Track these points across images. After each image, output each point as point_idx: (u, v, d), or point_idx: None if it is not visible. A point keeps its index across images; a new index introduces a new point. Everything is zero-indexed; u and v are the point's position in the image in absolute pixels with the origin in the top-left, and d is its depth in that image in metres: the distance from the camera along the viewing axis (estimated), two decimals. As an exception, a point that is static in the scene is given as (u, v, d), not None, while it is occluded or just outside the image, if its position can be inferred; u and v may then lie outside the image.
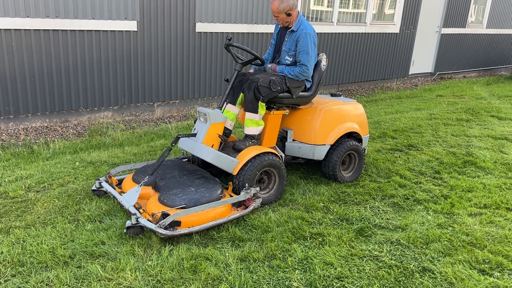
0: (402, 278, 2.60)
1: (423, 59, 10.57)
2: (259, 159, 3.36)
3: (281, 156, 3.73)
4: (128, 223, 2.88)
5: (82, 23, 5.30)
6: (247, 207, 3.25)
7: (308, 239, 3.01)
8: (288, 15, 3.57)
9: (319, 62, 3.84)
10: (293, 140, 3.93)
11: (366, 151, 4.46)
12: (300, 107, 3.91)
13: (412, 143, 5.29)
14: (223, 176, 3.88)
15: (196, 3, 6.17)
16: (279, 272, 2.62)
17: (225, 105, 3.68)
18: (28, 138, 5.13)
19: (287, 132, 3.92)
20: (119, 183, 3.63)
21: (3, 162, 4.36)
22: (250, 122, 3.59)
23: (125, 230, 2.89)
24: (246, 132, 3.64)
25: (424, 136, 5.63)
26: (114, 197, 3.28)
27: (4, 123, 5.22)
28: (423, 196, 3.76)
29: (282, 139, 3.99)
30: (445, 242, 3.00)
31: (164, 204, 3.03)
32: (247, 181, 3.31)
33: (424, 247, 2.94)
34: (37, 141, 5.10)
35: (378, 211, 3.48)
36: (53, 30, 5.15)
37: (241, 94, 3.68)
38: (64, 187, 3.74)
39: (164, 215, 2.84)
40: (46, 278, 2.46)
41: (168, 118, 6.41)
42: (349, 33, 8.43)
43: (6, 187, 3.69)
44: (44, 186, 3.75)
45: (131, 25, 5.69)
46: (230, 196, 3.33)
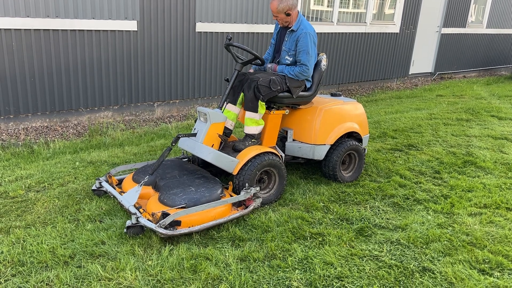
0: (402, 278, 2.60)
1: (423, 59, 10.57)
2: (259, 159, 3.36)
3: (281, 156, 3.73)
4: (128, 223, 2.88)
5: (82, 23, 5.31)
6: (247, 207, 3.25)
7: (308, 239, 3.01)
8: (288, 15, 3.57)
9: (319, 62, 3.84)
10: (293, 140, 3.93)
11: (366, 151, 4.46)
12: (300, 107, 3.91)
13: (412, 143, 5.29)
14: (223, 176, 3.88)
15: (196, 3, 6.17)
16: (279, 272, 2.62)
17: (225, 105, 3.68)
18: (28, 138, 5.13)
19: (287, 132, 3.93)
20: (119, 183, 3.63)
21: (3, 162, 4.36)
22: (250, 121, 3.59)
23: (125, 230, 2.89)
24: (246, 131, 3.64)
25: (424, 136, 5.63)
26: (114, 197, 3.28)
27: (4, 123, 5.22)
28: (423, 196, 3.76)
29: (282, 139, 3.99)
30: (445, 242, 3.00)
31: (164, 204, 3.03)
32: (247, 180, 3.31)
33: (424, 247, 2.94)
34: (37, 141, 5.10)
35: (378, 211, 3.48)
36: (53, 30, 5.15)
37: (241, 94, 3.69)
38: (64, 187, 3.74)
39: (164, 215, 2.84)
40: (46, 278, 2.47)
41: (168, 118, 6.41)
42: (349, 33, 8.43)
43: (6, 186, 3.70)
44: (44, 186, 3.75)
45: (131, 25, 5.69)
46: (230, 195, 3.33)
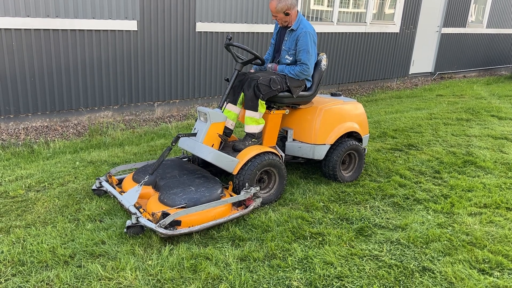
0: (402, 277, 2.61)
1: (423, 58, 10.57)
2: (259, 159, 3.37)
3: (281, 155, 3.73)
4: (128, 223, 2.88)
5: (82, 23, 5.31)
6: (247, 207, 3.25)
7: (308, 238, 3.01)
8: (287, 14, 3.57)
9: (319, 61, 3.84)
10: (293, 139, 3.93)
11: (366, 151, 4.46)
12: (300, 106, 3.91)
13: (412, 142, 5.29)
14: (223, 176, 3.88)
15: (196, 3, 6.17)
16: (279, 271, 2.62)
17: (225, 104, 3.68)
18: (28, 137, 5.13)
19: (287, 131, 3.93)
20: (119, 183, 3.63)
21: (3, 162, 4.36)
22: (250, 120, 3.59)
23: (125, 230, 2.90)
24: (246, 130, 3.64)
25: (424, 135, 5.63)
26: (114, 196, 3.28)
27: (4, 123, 5.22)
28: (423, 196, 3.76)
29: (282, 139, 3.99)
30: (445, 242, 3.00)
31: (164, 204, 3.03)
32: (247, 180, 3.31)
33: (424, 246, 2.94)
34: (37, 140, 5.10)
35: (378, 210, 3.48)
36: (53, 29, 5.15)
37: (241, 94, 3.69)
38: (64, 186, 3.74)
39: (164, 215, 2.84)
40: (46, 278, 2.47)
41: (168, 118, 6.41)
42: (349, 32, 8.43)
43: (6, 186, 3.70)
44: (44, 186, 3.75)
45: (131, 24, 5.69)
46: (230, 195, 3.33)
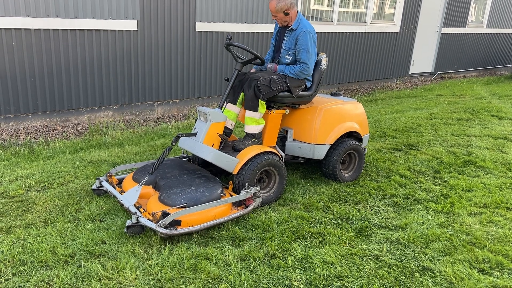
0: (402, 277, 2.61)
1: (423, 58, 10.57)
2: (259, 159, 3.37)
3: (281, 155, 3.74)
4: (129, 222, 2.88)
5: (82, 23, 5.31)
6: (247, 207, 3.25)
7: (308, 238, 3.01)
8: (286, 14, 3.57)
9: (319, 61, 3.84)
10: (293, 139, 3.93)
11: (366, 151, 4.46)
12: (300, 106, 3.91)
13: (412, 142, 5.29)
14: (223, 176, 3.89)
15: (197, 3, 6.17)
16: (279, 271, 2.62)
17: (225, 104, 3.68)
18: (29, 137, 5.13)
19: (287, 131, 3.93)
20: (120, 183, 3.63)
21: (3, 162, 4.37)
22: (250, 121, 3.59)
23: (125, 229, 2.90)
24: (246, 130, 3.64)
25: (424, 135, 5.63)
26: (114, 196, 3.28)
27: (5, 122, 5.22)
28: (423, 196, 3.76)
29: (282, 139, 3.99)
30: (445, 242, 3.00)
31: (164, 203, 3.03)
32: (247, 180, 3.31)
33: (424, 246, 2.95)
34: (37, 140, 5.10)
35: (378, 210, 3.49)
36: (53, 29, 5.15)
37: (241, 94, 3.69)
38: (65, 186, 3.74)
39: (165, 214, 2.84)
40: (46, 277, 2.47)
41: (168, 118, 6.41)
42: (349, 32, 8.43)
43: (6, 186, 3.70)
44: (45, 186, 3.76)
45: (132, 24, 5.69)
46: (230, 195, 3.34)
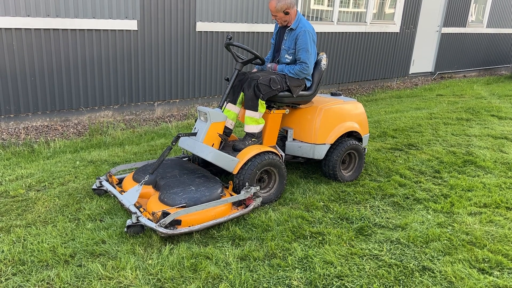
0: (402, 277, 2.61)
1: (423, 58, 10.57)
2: (259, 158, 3.37)
3: (281, 155, 3.74)
4: (129, 222, 2.88)
5: (82, 22, 5.31)
6: (247, 206, 3.25)
7: (308, 238, 3.01)
8: (286, 13, 3.57)
9: (319, 61, 3.84)
10: (293, 139, 3.93)
11: (366, 150, 4.47)
12: (300, 106, 3.91)
13: (412, 142, 5.29)
14: (223, 175, 3.89)
15: (197, 3, 6.17)
16: (279, 271, 2.62)
17: (225, 104, 3.69)
18: (29, 137, 5.13)
19: (287, 131, 3.93)
20: (120, 182, 3.63)
21: (3, 161, 4.37)
22: (250, 120, 3.59)
23: (125, 229, 2.90)
24: (246, 130, 3.65)
25: (424, 135, 5.63)
26: (114, 196, 3.28)
27: (5, 122, 5.22)
28: (423, 195, 3.76)
29: (282, 138, 3.99)
30: (445, 241, 3.00)
31: (164, 203, 3.03)
32: (247, 180, 3.31)
33: (424, 246, 2.95)
34: (37, 140, 5.10)
35: (378, 210, 3.49)
36: (53, 29, 5.15)
37: (241, 93, 3.69)
38: (65, 186, 3.74)
39: (165, 214, 2.84)
40: (46, 277, 2.47)
41: (169, 117, 6.41)
42: (349, 32, 8.43)
43: (6, 186, 3.70)
44: (45, 185, 3.76)
45: (132, 24, 5.69)
46: (230, 195, 3.34)
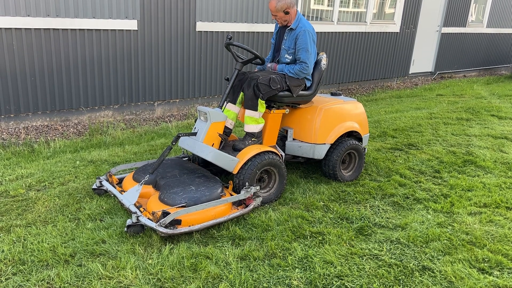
0: (402, 276, 2.61)
1: (423, 58, 10.56)
2: (259, 158, 3.37)
3: (281, 155, 3.74)
4: (129, 222, 2.88)
5: (82, 22, 5.31)
6: (247, 206, 3.26)
7: (308, 238, 3.01)
8: (286, 13, 3.57)
9: (319, 61, 3.84)
10: (293, 139, 3.93)
11: (366, 150, 4.47)
12: (300, 106, 3.91)
13: (412, 142, 5.29)
14: (223, 175, 3.89)
15: (197, 2, 6.17)
16: (279, 270, 2.63)
17: (225, 104, 3.69)
18: (29, 137, 5.14)
19: (287, 131, 3.93)
20: (120, 182, 3.64)
21: (3, 161, 4.37)
22: (250, 120, 3.59)
23: (125, 229, 2.90)
24: (245, 129, 3.65)
25: (424, 135, 5.63)
26: (114, 196, 3.28)
27: (5, 122, 5.22)
28: (423, 195, 3.76)
29: (282, 138, 4.00)
30: (444, 241, 3.00)
31: (164, 203, 3.03)
32: (247, 180, 3.31)
33: (424, 246, 2.95)
34: (37, 140, 5.10)
35: (378, 210, 3.49)
36: (53, 29, 5.15)
37: (241, 93, 3.69)
38: (65, 186, 3.74)
39: (165, 214, 2.84)
40: (47, 277, 2.47)
41: (169, 117, 6.41)
42: (349, 32, 8.43)
43: (6, 185, 3.70)
44: (45, 185, 3.76)
45: (132, 24, 5.69)
46: (230, 195, 3.34)
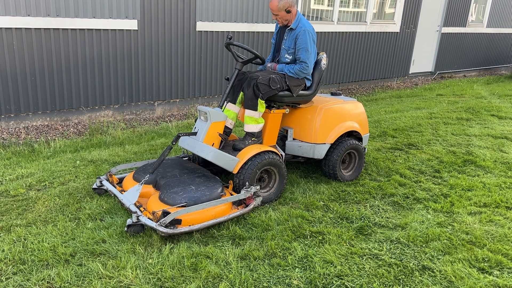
0: (402, 276, 2.61)
1: (423, 58, 10.57)
2: (259, 158, 3.37)
3: (281, 154, 3.74)
4: (129, 221, 2.88)
5: (82, 22, 5.31)
6: (247, 206, 3.26)
7: (308, 237, 3.01)
8: (288, 12, 3.58)
9: (319, 61, 3.84)
10: (293, 139, 3.93)
11: (366, 150, 4.47)
12: (300, 106, 3.91)
13: (412, 142, 5.29)
14: (223, 175, 3.89)
15: (197, 2, 6.17)
16: (279, 270, 2.63)
17: (225, 104, 3.69)
18: (29, 136, 5.14)
19: (287, 131, 3.93)
20: (120, 182, 3.64)
21: (4, 161, 4.37)
22: (250, 120, 3.60)
23: (125, 228, 2.90)
24: (245, 129, 3.65)
25: (424, 135, 5.63)
26: (114, 195, 3.29)
27: (5, 122, 5.23)
28: (423, 195, 3.77)
29: (282, 138, 4.00)
30: (444, 241, 3.01)
31: (164, 203, 3.04)
32: (248, 179, 3.31)
33: (423, 245, 2.95)
34: (37, 139, 5.11)
35: (378, 209, 3.49)
36: (53, 29, 5.16)
37: (241, 93, 3.69)
38: (65, 185, 3.75)
39: (165, 213, 2.84)
40: (47, 276, 2.47)
41: (169, 117, 6.41)
42: (349, 32, 8.43)
43: (7, 185, 3.71)
44: (45, 185, 3.76)
45: (132, 24, 5.69)
46: (231, 194, 3.34)
